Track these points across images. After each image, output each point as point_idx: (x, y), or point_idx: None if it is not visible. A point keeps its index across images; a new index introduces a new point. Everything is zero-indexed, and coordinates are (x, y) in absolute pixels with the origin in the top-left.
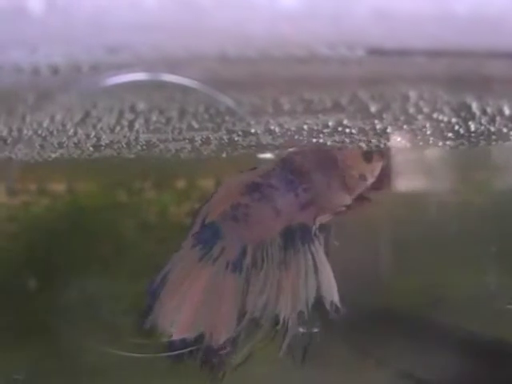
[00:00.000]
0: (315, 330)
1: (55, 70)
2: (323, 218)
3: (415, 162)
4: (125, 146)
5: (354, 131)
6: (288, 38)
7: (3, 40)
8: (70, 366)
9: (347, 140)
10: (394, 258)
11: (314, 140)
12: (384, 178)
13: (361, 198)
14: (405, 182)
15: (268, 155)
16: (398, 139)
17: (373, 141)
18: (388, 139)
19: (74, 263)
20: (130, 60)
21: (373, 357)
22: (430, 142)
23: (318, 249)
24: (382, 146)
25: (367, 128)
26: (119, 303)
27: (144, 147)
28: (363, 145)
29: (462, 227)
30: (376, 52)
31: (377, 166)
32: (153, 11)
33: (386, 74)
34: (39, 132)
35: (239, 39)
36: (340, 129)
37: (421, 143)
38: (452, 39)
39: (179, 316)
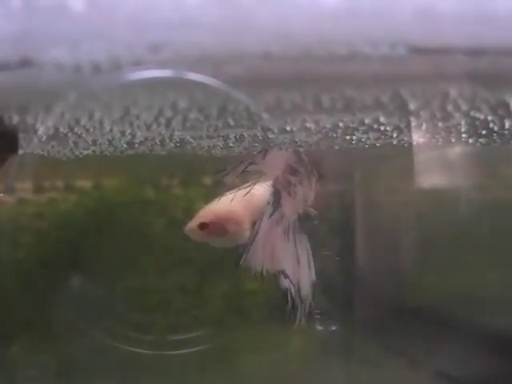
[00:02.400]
0: (333, 327)
1: (96, 68)
2: None
3: (443, 159)
4: (158, 143)
5: (388, 128)
6: (330, 36)
7: (45, 37)
8: (97, 361)
9: (382, 137)
10: (423, 256)
11: (348, 137)
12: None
13: None
14: (432, 180)
15: None
16: (431, 136)
17: (405, 138)
18: (421, 136)
19: (101, 259)
20: (171, 58)
21: (404, 356)
22: (463, 139)
23: None
24: (414, 143)
25: (402, 125)
26: (146, 298)
27: (177, 144)
28: (395, 142)
29: (491, 224)
30: (417, 50)
31: None
32: (195, 9)
33: (427, 72)
34: (75, 130)
35: (282, 37)
36: (375, 126)
37: (453, 140)
38: (493, 38)
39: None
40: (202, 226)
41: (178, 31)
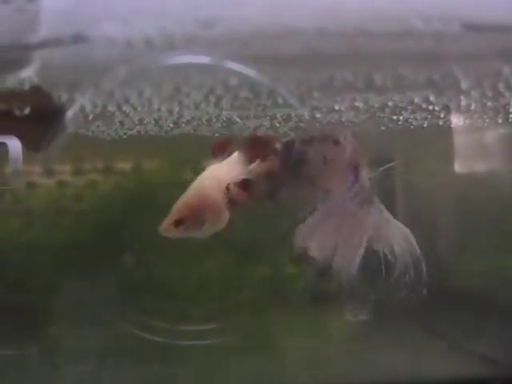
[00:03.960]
0: (364, 318)
1: (148, 43)
2: None
3: (486, 142)
4: (205, 122)
5: (437, 108)
6: (383, 12)
7: (96, 12)
8: (137, 346)
9: (429, 117)
10: (462, 240)
11: (395, 117)
12: None
13: None
14: (474, 162)
15: None
16: (479, 117)
17: (453, 119)
18: (469, 117)
19: (140, 242)
20: (223, 34)
21: (446, 338)
22: (510, 119)
23: None
24: (461, 123)
25: (451, 105)
26: (184, 283)
27: (224, 124)
28: (441, 122)
29: None
30: (471, 27)
31: None
32: None
33: (480, 50)
34: (123, 108)
35: (334, 13)
36: (424, 105)
37: (500, 121)
38: None
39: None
40: (178, 223)
41: (230, 7)
